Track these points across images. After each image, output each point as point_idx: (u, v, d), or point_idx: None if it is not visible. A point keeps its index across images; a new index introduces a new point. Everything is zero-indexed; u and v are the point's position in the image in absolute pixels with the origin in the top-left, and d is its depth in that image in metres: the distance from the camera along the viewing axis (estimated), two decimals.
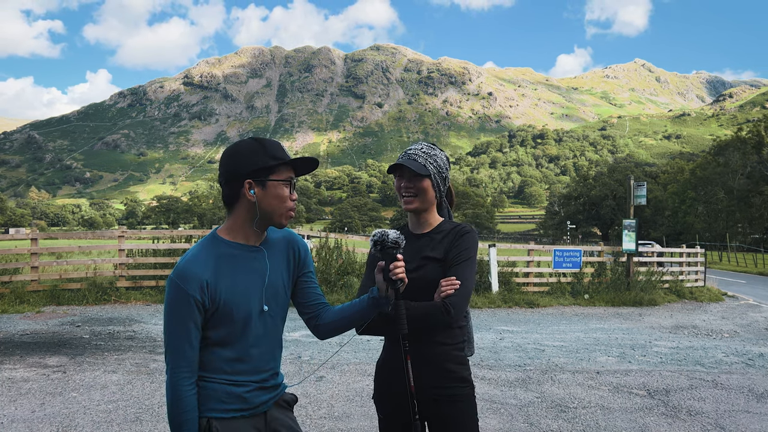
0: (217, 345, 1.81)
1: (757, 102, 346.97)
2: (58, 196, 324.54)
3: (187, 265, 1.77)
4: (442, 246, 2.11)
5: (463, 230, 2.13)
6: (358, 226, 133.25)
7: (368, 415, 4.78)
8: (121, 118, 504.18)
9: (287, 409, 1.99)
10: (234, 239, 1.85)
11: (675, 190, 69.86)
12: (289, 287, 1.96)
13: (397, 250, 1.89)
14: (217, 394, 1.80)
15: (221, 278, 1.79)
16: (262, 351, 1.87)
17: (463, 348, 2.15)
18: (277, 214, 1.84)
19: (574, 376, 6.34)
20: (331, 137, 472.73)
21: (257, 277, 1.86)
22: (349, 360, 6.68)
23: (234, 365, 1.82)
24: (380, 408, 2.18)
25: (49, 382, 5.58)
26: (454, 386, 2.06)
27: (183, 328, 1.75)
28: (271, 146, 1.84)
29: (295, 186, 1.90)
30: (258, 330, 1.85)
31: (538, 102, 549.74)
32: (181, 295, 1.74)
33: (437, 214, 2.23)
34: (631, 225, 14.34)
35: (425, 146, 2.20)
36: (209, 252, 1.82)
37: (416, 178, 2.13)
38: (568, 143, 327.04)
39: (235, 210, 1.84)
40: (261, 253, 1.89)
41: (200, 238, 12.73)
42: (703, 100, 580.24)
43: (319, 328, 1.98)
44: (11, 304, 10.03)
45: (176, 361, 1.76)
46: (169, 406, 1.76)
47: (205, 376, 1.81)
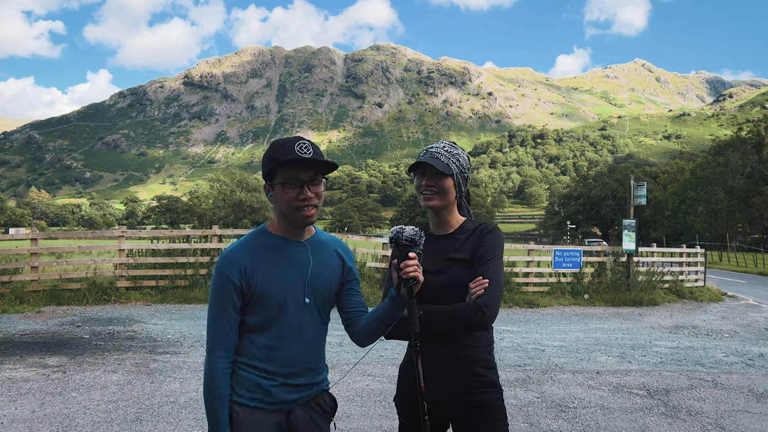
0: (253, 331, 1.87)
1: (757, 102, 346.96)
2: (58, 196, 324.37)
3: (230, 252, 1.88)
4: (467, 246, 2.06)
5: (486, 228, 2.09)
6: (358, 226, 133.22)
7: (368, 415, 4.78)
8: (121, 118, 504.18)
9: (319, 412, 1.96)
10: (278, 233, 1.94)
11: (675, 190, 69.84)
12: (333, 290, 1.99)
13: (413, 248, 1.84)
14: (244, 382, 1.85)
15: (259, 265, 1.87)
16: (295, 343, 1.89)
17: (492, 351, 2.09)
18: (290, 213, 1.87)
19: (574, 376, 6.34)
20: (331, 137, 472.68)
21: (297, 268, 1.90)
22: (350, 360, 6.68)
23: (266, 352, 1.86)
24: (401, 411, 2.12)
25: (49, 382, 5.57)
26: (482, 391, 2.00)
27: (222, 310, 1.84)
28: (275, 149, 1.86)
29: (309, 184, 1.85)
30: (293, 321, 1.88)
31: (538, 102, 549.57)
32: (222, 279, 1.84)
33: (459, 214, 2.19)
34: (631, 225, 14.34)
35: (447, 145, 2.16)
36: (252, 242, 1.91)
37: (438, 176, 2.09)
38: (568, 143, 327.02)
39: (273, 209, 1.95)
40: (304, 247, 1.94)
41: (200, 238, 12.75)
42: (703, 100, 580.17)
43: (355, 335, 2.01)
44: (11, 304, 10.03)
45: (213, 342, 1.85)
46: (204, 384, 1.84)
47: (238, 362, 1.87)
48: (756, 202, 55.36)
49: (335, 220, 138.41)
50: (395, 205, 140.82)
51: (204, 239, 12.70)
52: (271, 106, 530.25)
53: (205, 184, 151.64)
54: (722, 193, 59.28)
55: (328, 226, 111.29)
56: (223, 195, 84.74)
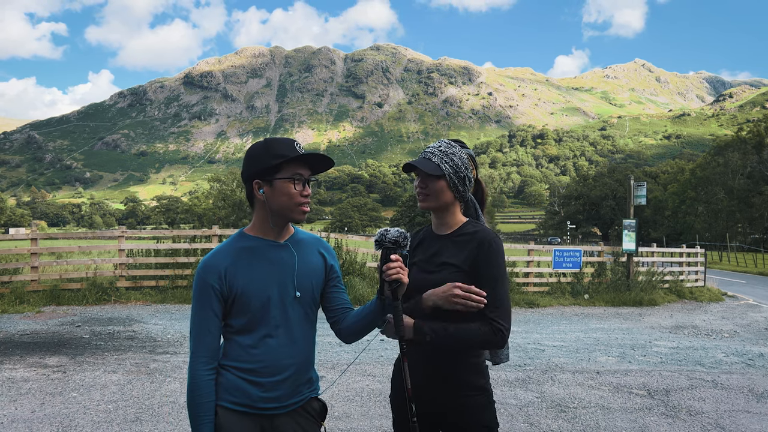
0: (238, 333, 1.87)
1: (757, 102, 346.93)
2: (58, 197, 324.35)
3: (209, 257, 1.89)
4: (463, 253, 2.02)
5: (485, 240, 2.01)
6: (358, 226, 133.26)
7: (368, 415, 4.78)
8: (121, 118, 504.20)
9: (306, 417, 1.95)
10: (256, 235, 1.93)
11: (675, 190, 69.87)
12: (318, 289, 1.98)
13: (397, 250, 1.84)
14: (229, 385, 1.85)
15: (239, 268, 1.86)
16: (280, 343, 1.87)
17: (480, 355, 2.06)
18: (289, 210, 1.87)
19: (574, 376, 6.34)
20: (331, 137, 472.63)
21: (278, 268, 1.90)
22: (349, 360, 6.68)
23: (251, 353, 1.85)
24: (393, 408, 2.14)
25: (49, 382, 5.57)
26: (470, 395, 1.99)
27: (203, 315, 1.84)
28: (277, 145, 1.86)
29: (308, 182, 1.90)
30: (278, 321, 1.88)
31: (538, 102, 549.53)
32: (201, 285, 1.85)
33: (460, 215, 2.14)
34: (631, 225, 14.34)
35: (444, 144, 2.11)
36: (232, 245, 1.91)
37: (429, 178, 2.05)
38: (568, 143, 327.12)
39: (255, 209, 1.94)
40: (285, 247, 1.94)
41: (200, 238, 12.75)
42: (703, 100, 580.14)
43: (341, 332, 2.00)
44: (11, 304, 10.02)
45: (196, 347, 1.85)
46: (187, 390, 1.84)
47: (223, 365, 1.87)
48: (756, 202, 55.40)
49: (335, 220, 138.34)
50: (395, 205, 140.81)
51: (204, 239, 12.70)
52: (271, 106, 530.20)
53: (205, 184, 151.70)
54: (722, 193, 59.30)
55: (328, 226, 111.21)
56: (223, 195, 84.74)
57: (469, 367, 2.00)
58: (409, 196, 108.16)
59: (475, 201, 2.21)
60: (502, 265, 2.01)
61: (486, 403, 2.01)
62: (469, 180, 2.11)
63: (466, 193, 2.12)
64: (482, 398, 2.00)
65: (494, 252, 2.00)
